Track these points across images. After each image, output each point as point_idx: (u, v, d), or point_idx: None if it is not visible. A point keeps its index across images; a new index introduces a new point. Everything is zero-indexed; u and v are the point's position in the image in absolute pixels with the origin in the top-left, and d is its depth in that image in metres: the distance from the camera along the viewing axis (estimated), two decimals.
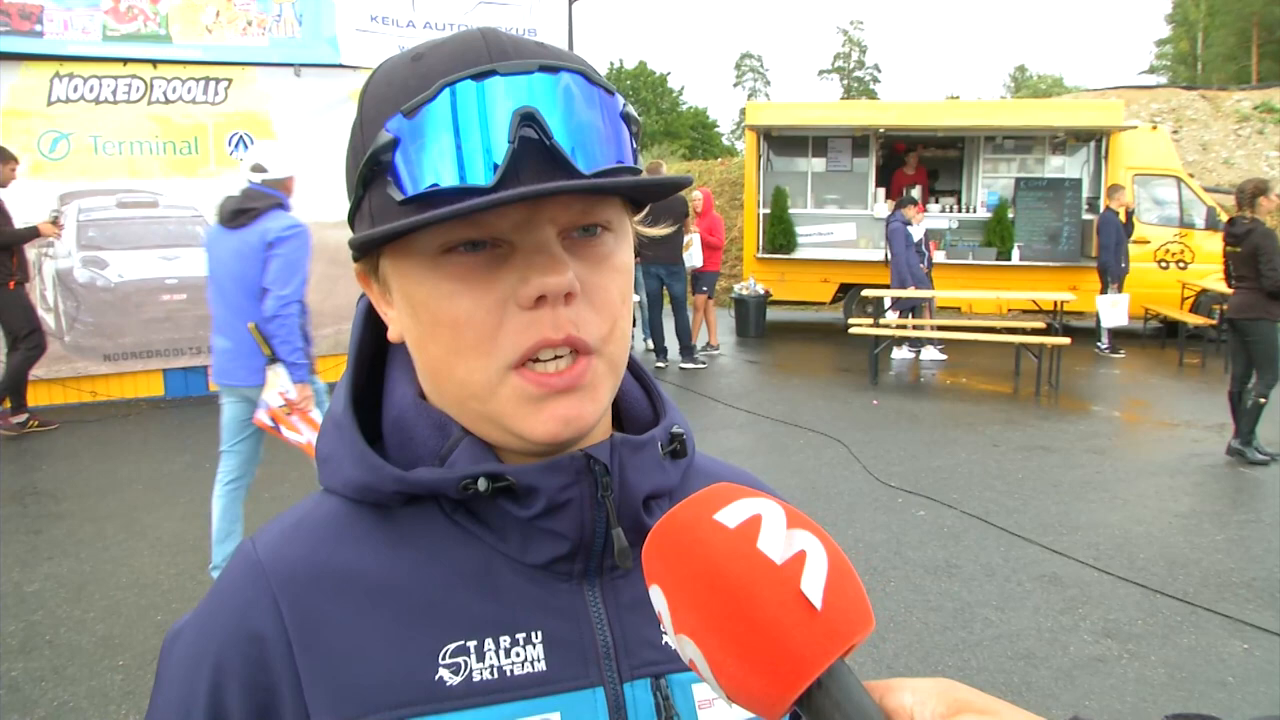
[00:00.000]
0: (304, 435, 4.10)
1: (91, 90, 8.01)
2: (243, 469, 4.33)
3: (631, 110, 0.66)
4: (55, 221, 7.31)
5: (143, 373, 8.48)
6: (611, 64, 60.30)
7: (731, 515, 0.49)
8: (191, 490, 5.93)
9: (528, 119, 0.59)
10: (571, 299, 0.63)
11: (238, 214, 4.18)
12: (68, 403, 8.16)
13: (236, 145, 8.50)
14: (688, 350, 10.35)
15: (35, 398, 8.06)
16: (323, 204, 8.67)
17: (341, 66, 8.74)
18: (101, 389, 8.34)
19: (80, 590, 4.43)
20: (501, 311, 0.63)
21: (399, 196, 0.61)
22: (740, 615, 0.46)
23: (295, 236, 4.17)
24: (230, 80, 8.43)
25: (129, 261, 8.29)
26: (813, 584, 0.47)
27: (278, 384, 4.09)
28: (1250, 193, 6.52)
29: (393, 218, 0.61)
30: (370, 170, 0.62)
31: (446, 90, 0.60)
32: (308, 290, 4.20)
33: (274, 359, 4.08)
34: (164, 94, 8.25)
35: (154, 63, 8.17)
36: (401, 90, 0.62)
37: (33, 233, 7.07)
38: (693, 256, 10.50)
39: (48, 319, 8.06)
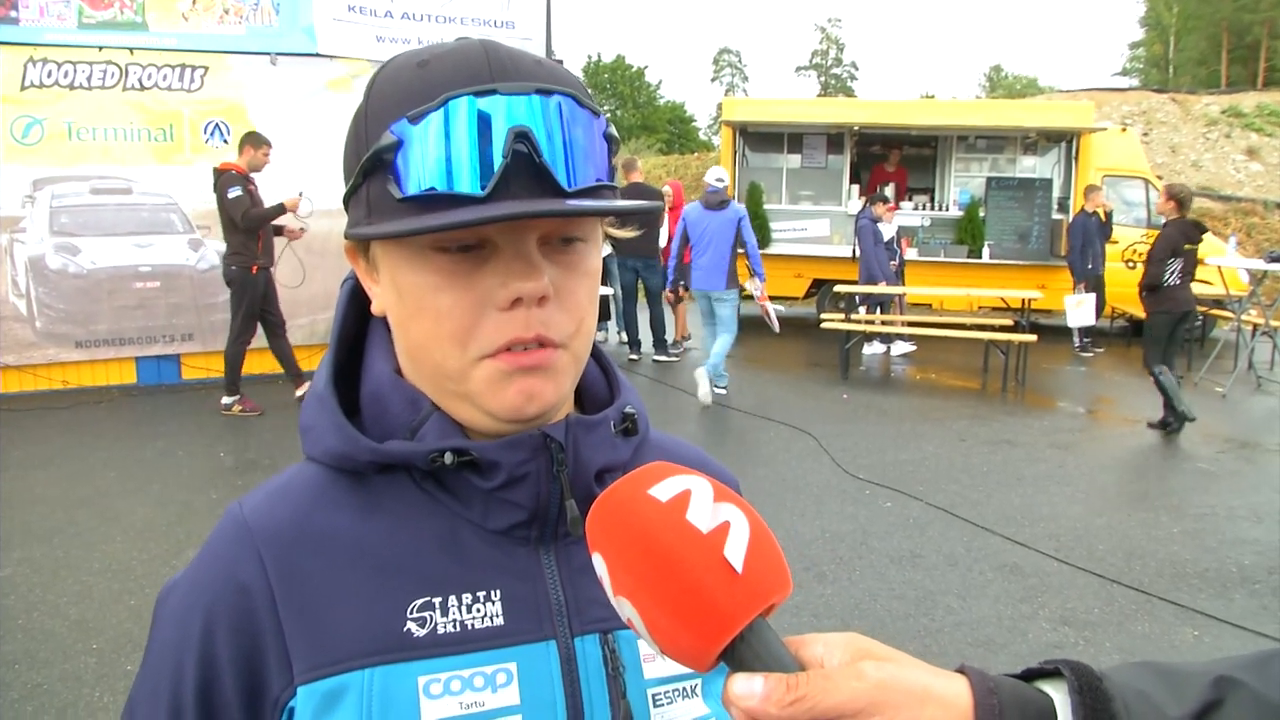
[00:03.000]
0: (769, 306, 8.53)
1: (66, 75, 7.95)
2: (709, 334, 8.51)
3: (613, 131, 0.73)
4: (301, 197, 7.39)
5: (115, 360, 8.44)
6: (589, 57, 60.19)
7: (664, 490, 0.55)
8: (164, 477, 5.94)
9: (521, 137, 0.66)
10: (545, 302, 0.69)
11: (718, 204, 8.11)
12: (39, 390, 8.12)
13: (212, 133, 8.46)
14: (661, 343, 10.40)
15: (6, 384, 8.02)
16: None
17: (318, 56, 8.71)
18: (73, 376, 8.29)
19: (53, 575, 4.44)
20: (480, 310, 0.69)
21: (398, 195, 0.67)
22: (670, 578, 0.52)
23: (745, 215, 8.21)
24: (207, 68, 8.39)
25: (102, 248, 8.23)
26: (735, 551, 0.53)
27: (755, 285, 8.32)
28: (1188, 198, 7.39)
29: (389, 211, 0.68)
30: (372, 164, 0.68)
31: (451, 103, 0.66)
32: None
33: (752, 273, 8.24)
34: (139, 80, 8.19)
35: (130, 49, 8.12)
36: (406, 94, 0.68)
37: (279, 209, 7.23)
38: (663, 236, 10.52)
39: (19, 305, 8.02)
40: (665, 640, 0.54)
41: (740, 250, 8.19)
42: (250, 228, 7.13)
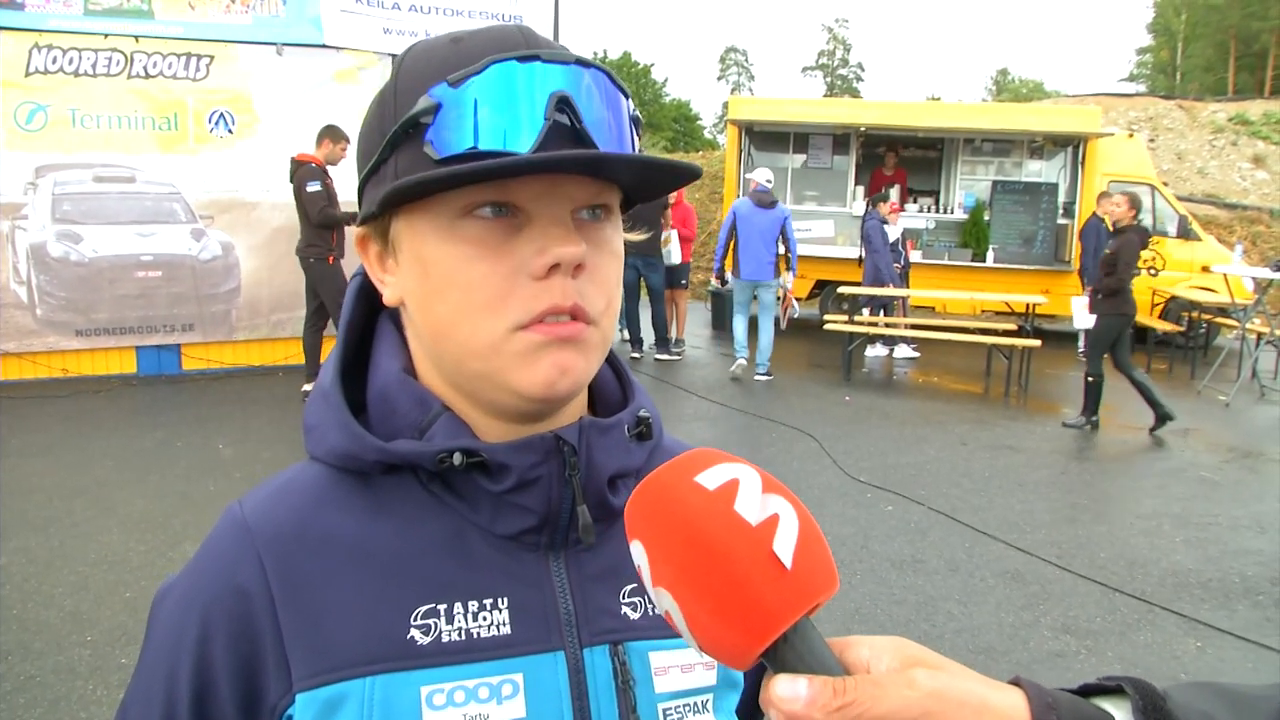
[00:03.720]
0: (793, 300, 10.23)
1: (71, 62, 7.92)
2: (747, 316, 9.33)
3: (638, 114, 0.72)
4: None
5: (115, 349, 8.41)
6: (595, 54, 60.09)
7: (711, 478, 0.52)
8: (162, 468, 5.92)
9: (563, 102, 0.65)
10: (580, 271, 0.67)
11: (769, 204, 9.01)
12: (38, 378, 8.10)
13: (217, 123, 8.43)
14: (663, 342, 10.38)
15: (6, 372, 7.99)
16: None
17: (325, 47, 8.68)
18: (73, 365, 8.27)
19: (48, 565, 4.42)
20: (514, 279, 0.67)
21: (436, 156, 0.65)
22: (715, 571, 0.49)
23: (790, 215, 9.23)
24: (212, 57, 8.35)
25: (104, 237, 8.20)
26: (784, 545, 0.50)
27: (788, 279, 9.41)
28: (1141, 204, 7.86)
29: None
30: (405, 132, 0.66)
31: (494, 66, 0.64)
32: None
33: (789, 268, 9.26)
34: (144, 68, 8.16)
35: (136, 36, 8.09)
36: (441, 66, 0.66)
37: (351, 218, 7.40)
38: (671, 254, 10.52)
39: (20, 292, 7.99)
40: (705, 637, 0.51)
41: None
42: (322, 225, 7.28)
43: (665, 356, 10.31)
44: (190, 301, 8.55)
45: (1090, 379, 7.76)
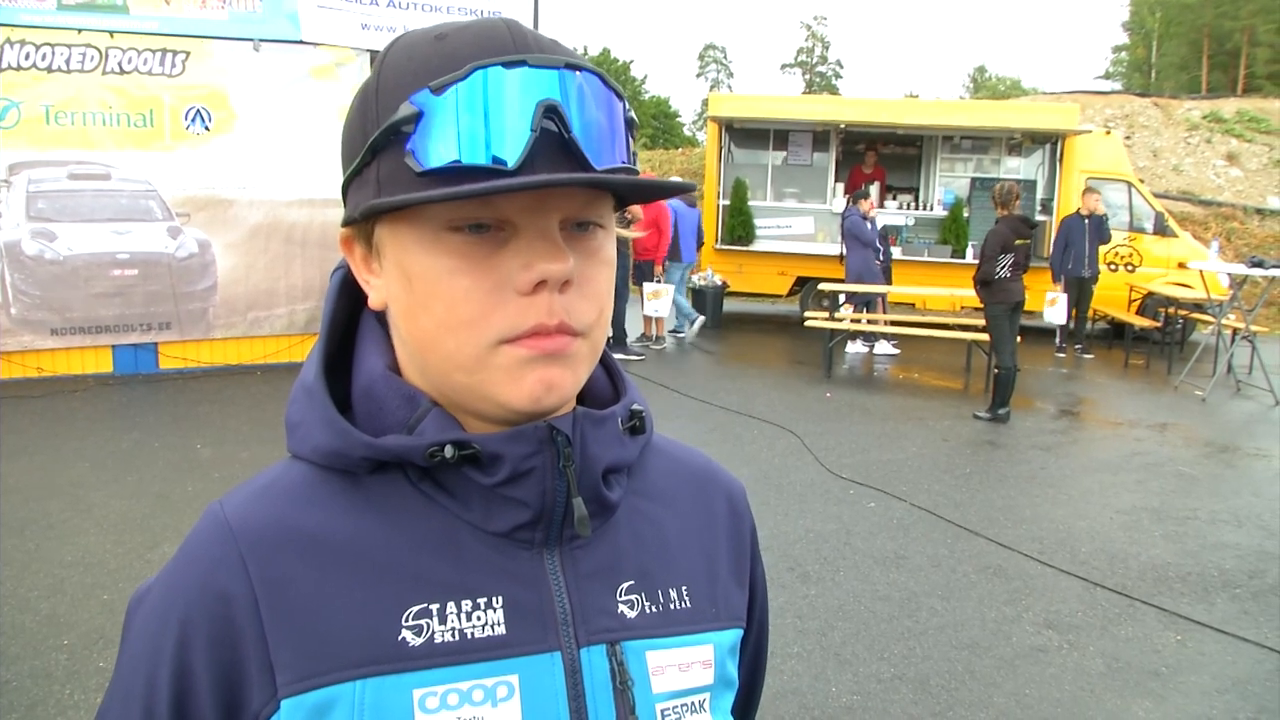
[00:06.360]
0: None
1: (44, 58, 7.81)
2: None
3: (633, 115, 0.69)
4: None
5: (91, 348, 8.32)
6: (573, 49, 59.95)
7: None
8: (139, 468, 5.85)
9: (551, 111, 0.62)
10: (568, 287, 0.66)
11: (692, 204, 11.58)
12: (12, 378, 7.99)
13: (193, 119, 8.34)
14: (618, 341, 10.28)
15: None
16: (280, 183, 8.61)
17: (302, 43, 8.61)
18: (48, 364, 8.17)
19: (24, 568, 4.35)
20: (499, 295, 0.65)
21: (418, 168, 0.62)
22: None
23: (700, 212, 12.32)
24: (188, 53, 8.27)
25: (79, 234, 8.11)
26: None
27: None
28: (1004, 195, 7.94)
29: (405, 188, 0.63)
30: (386, 139, 0.64)
31: (478, 73, 0.62)
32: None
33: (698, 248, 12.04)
34: (119, 64, 8.07)
35: (110, 32, 8.00)
36: (424, 66, 0.64)
37: None
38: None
39: None
40: None
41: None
42: None
43: (622, 356, 10.25)
44: (167, 300, 8.47)
45: (998, 371, 7.89)
